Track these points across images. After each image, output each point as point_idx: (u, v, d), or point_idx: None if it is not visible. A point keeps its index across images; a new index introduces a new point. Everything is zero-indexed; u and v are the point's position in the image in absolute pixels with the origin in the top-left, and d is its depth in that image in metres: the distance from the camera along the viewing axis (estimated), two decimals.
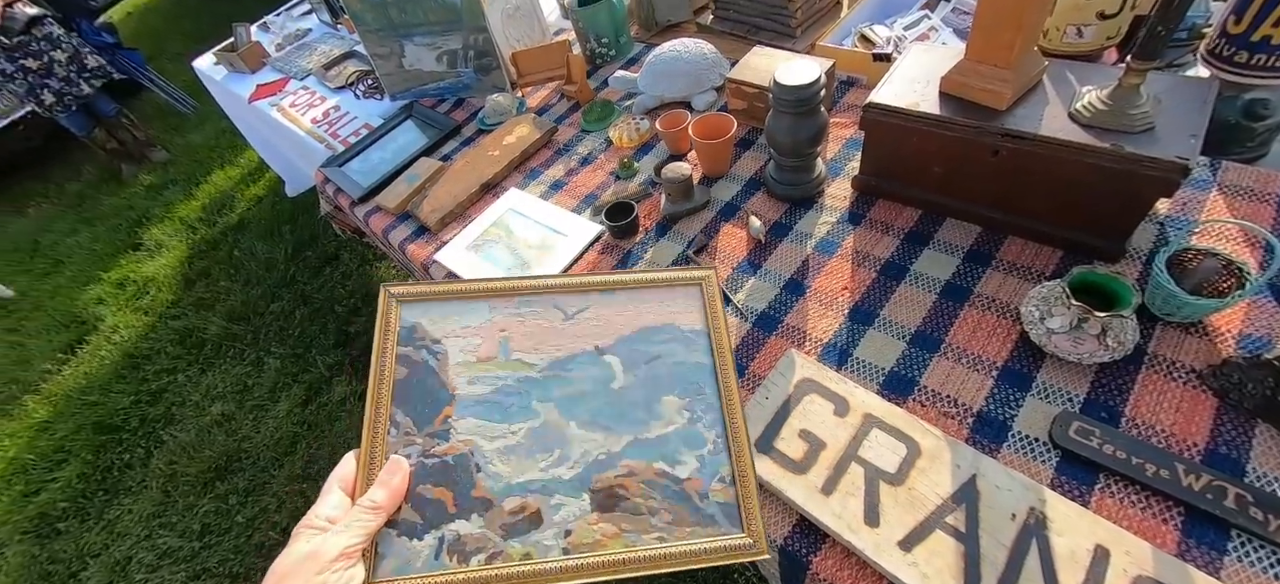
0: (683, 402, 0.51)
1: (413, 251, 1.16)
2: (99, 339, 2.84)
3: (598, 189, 1.13)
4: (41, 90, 3.10)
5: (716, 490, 0.47)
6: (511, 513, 0.45)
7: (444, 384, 0.49)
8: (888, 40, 1.04)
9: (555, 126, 1.27)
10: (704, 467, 0.48)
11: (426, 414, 0.48)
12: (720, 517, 0.46)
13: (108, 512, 2.12)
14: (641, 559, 0.44)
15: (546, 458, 0.48)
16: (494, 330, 0.52)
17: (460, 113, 1.45)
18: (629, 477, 0.47)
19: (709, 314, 0.55)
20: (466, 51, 1.36)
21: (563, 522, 0.45)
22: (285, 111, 1.70)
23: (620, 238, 1.01)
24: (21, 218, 3.99)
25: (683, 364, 0.52)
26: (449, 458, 0.46)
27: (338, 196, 1.38)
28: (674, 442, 0.49)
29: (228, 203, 3.34)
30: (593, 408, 0.50)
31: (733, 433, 0.50)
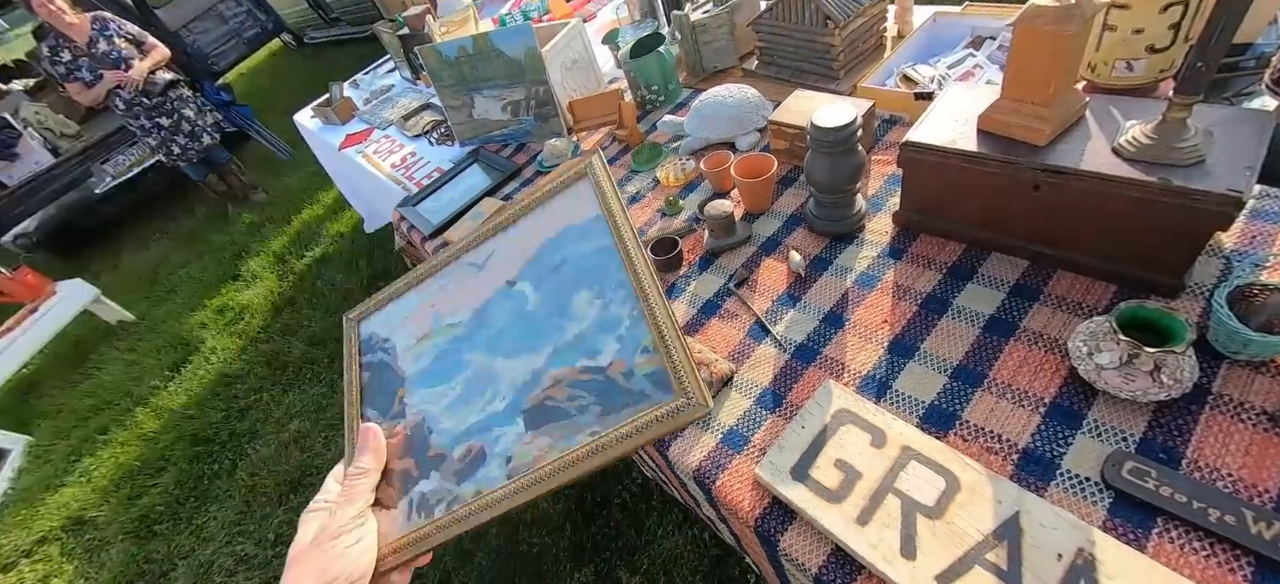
0: (592, 292, 0.48)
1: None
2: (199, 359, 3.16)
3: (645, 225, 1.20)
4: (171, 144, 3.57)
5: (640, 364, 0.45)
6: (460, 460, 0.47)
7: (396, 372, 0.54)
8: (931, 79, 1.06)
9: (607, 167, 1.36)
10: (624, 346, 0.46)
11: (387, 402, 0.53)
12: (650, 388, 0.43)
13: (197, 517, 2.33)
14: (575, 461, 0.43)
15: (481, 398, 0.49)
16: (426, 309, 0.55)
17: (521, 156, 1.58)
18: (555, 385, 0.47)
19: (600, 199, 0.51)
20: (528, 101, 1.48)
21: (503, 451, 0.46)
22: (370, 157, 1.89)
23: (665, 271, 1.06)
24: (145, 251, 4.54)
25: (584, 258, 0.50)
26: (408, 431, 0.50)
27: (411, 232, 1.52)
28: (591, 335, 0.47)
29: (314, 238, 3.67)
30: (513, 338, 0.50)
31: (644, 300, 0.46)
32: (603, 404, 0.44)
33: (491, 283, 0.53)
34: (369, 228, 3.23)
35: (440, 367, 0.52)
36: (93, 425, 3.05)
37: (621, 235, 0.48)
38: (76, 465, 2.84)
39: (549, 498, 1.80)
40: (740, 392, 0.86)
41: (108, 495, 2.61)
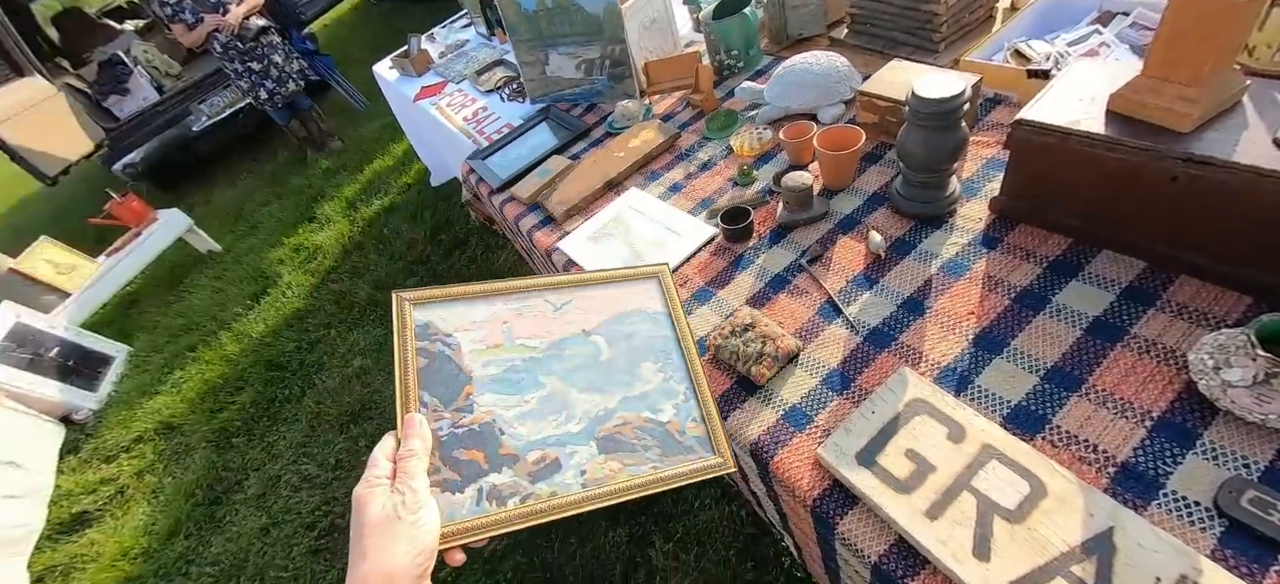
0: (656, 365, 0.65)
1: (539, 238, 1.27)
2: (276, 292, 3.38)
3: (715, 194, 1.17)
4: (260, 87, 3.78)
5: (691, 428, 0.62)
6: (535, 463, 0.55)
7: (462, 369, 0.58)
8: (1047, 57, 0.96)
9: (678, 133, 1.33)
10: (679, 412, 0.63)
11: (450, 394, 0.56)
12: (697, 446, 0.61)
13: (268, 435, 2.52)
14: (643, 483, 0.56)
15: (557, 418, 0.58)
16: (497, 323, 0.62)
17: (591, 117, 1.57)
18: (624, 425, 0.59)
19: (668, 299, 0.71)
20: (603, 61, 1.46)
21: (578, 465, 0.56)
22: (442, 110, 1.94)
23: (733, 241, 1.03)
24: (233, 188, 4.87)
25: (652, 337, 0.67)
26: (476, 426, 0.55)
27: (479, 185, 1.54)
28: (654, 396, 0.62)
29: (383, 187, 3.82)
30: (588, 377, 0.61)
31: (697, 385, 0.65)
32: (662, 448, 0.59)
33: (568, 326, 0.64)
34: (434, 181, 3.32)
35: (514, 379, 0.59)
36: (183, 343, 3.34)
37: (683, 335, 0.68)
38: (169, 377, 3.13)
39: None
40: (805, 370, 0.83)
41: (194, 406, 2.86)
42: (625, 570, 1.65)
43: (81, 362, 3.17)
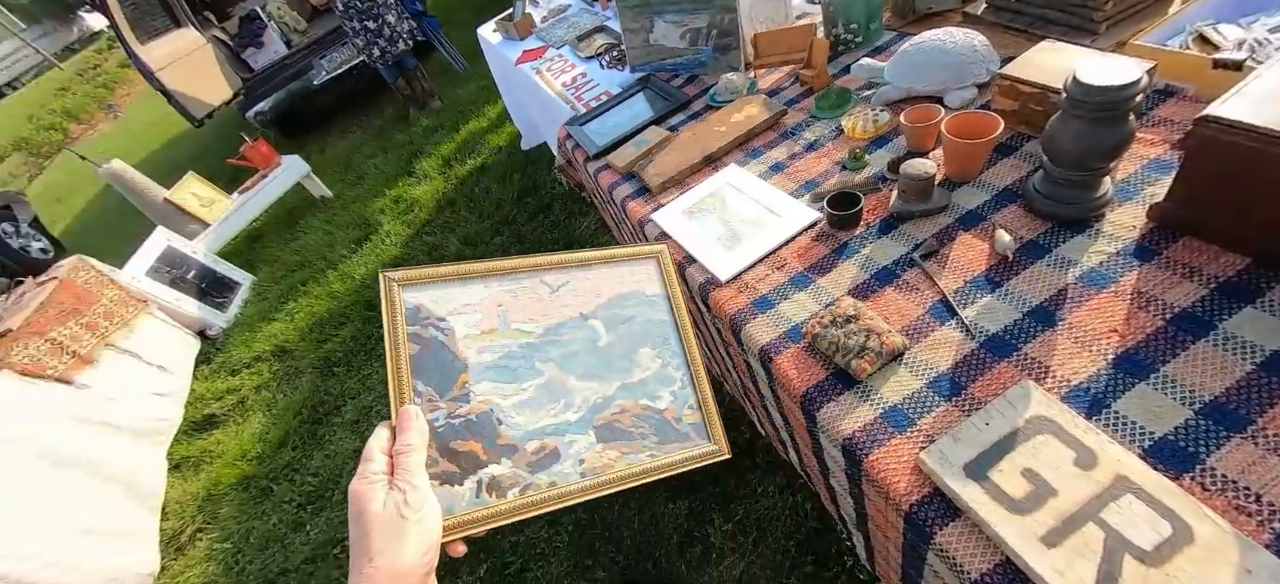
0: (654, 351, 0.63)
1: (632, 208, 1.28)
2: (377, 239, 3.65)
3: (820, 176, 1.12)
4: (374, 45, 4.03)
5: (687, 415, 0.61)
6: (534, 453, 0.54)
7: (456, 355, 0.56)
8: (1240, 44, 0.83)
9: (784, 109, 1.28)
10: (676, 399, 0.62)
11: (445, 383, 0.54)
12: (693, 434, 0.61)
13: (364, 369, 2.76)
14: (642, 471, 0.56)
15: (555, 406, 0.57)
16: (492, 305, 0.59)
17: (692, 88, 1.54)
18: (622, 413, 0.59)
19: (666, 281, 0.68)
20: (710, 30, 1.43)
21: (577, 454, 0.55)
22: (542, 75, 1.98)
23: (839, 228, 0.99)
24: (344, 141, 5.27)
25: (650, 322, 0.65)
26: (473, 416, 0.53)
27: (574, 151, 1.57)
28: (652, 383, 0.61)
29: (477, 148, 3.99)
30: (586, 363, 0.60)
31: (694, 373, 0.64)
32: (659, 436, 0.59)
33: (565, 309, 0.62)
34: (525, 145, 3.42)
35: (511, 366, 0.57)
36: (296, 277, 3.69)
37: (682, 320, 0.66)
38: (284, 306, 3.49)
39: None
40: (911, 370, 0.79)
41: (303, 335, 3.17)
42: (682, 543, 1.67)
43: (214, 285, 3.60)
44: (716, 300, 1.00)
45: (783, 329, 0.91)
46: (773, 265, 1.01)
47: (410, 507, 0.43)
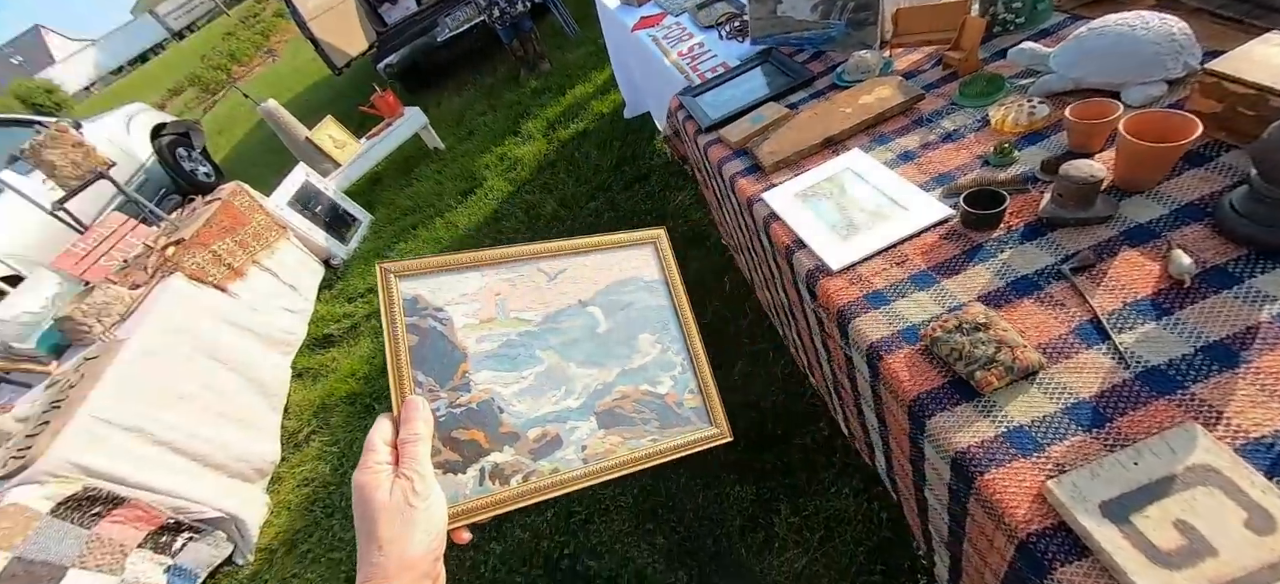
0: (654, 337, 0.63)
1: (742, 185, 1.25)
2: (481, 193, 3.86)
3: (957, 170, 1.03)
4: (494, 5, 4.20)
5: (688, 399, 0.62)
6: (536, 441, 0.54)
7: (455, 345, 0.55)
8: None
9: (922, 94, 1.18)
10: (677, 383, 0.62)
11: (445, 373, 0.54)
12: (694, 418, 0.61)
13: None
14: (644, 455, 0.57)
15: (556, 393, 0.57)
16: (489, 294, 0.59)
17: (818, 64, 1.46)
18: (623, 398, 0.59)
19: (664, 267, 0.68)
20: (845, 3, 1.34)
21: (578, 440, 0.55)
22: (658, 42, 1.96)
23: (975, 228, 0.91)
24: (458, 97, 5.58)
25: (649, 307, 0.65)
26: (474, 405, 0.53)
27: (686, 123, 1.55)
28: (652, 368, 0.62)
29: (580, 113, 4.08)
30: (586, 350, 0.60)
31: (694, 356, 0.64)
32: (660, 420, 0.59)
33: (563, 296, 0.62)
34: (628, 113, 3.44)
35: (511, 355, 0.57)
36: (408, 221, 4.00)
37: (681, 304, 0.66)
38: (396, 246, 3.80)
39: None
40: (1044, 392, 0.72)
41: None
42: (744, 526, 1.66)
43: (338, 220, 3.98)
44: (825, 289, 0.96)
45: (897, 328, 0.86)
46: (892, 260, 0.95)
47: (418, 495, 0.43)
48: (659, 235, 0.69)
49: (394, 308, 0.54)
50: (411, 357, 0.52)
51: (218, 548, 2.27)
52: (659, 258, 0.69)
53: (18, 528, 1.74)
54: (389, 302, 0.54)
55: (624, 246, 0.67)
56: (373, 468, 0.43)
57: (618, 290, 0.65)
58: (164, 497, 2.10)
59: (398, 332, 0.53)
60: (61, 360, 2.53)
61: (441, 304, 0.56)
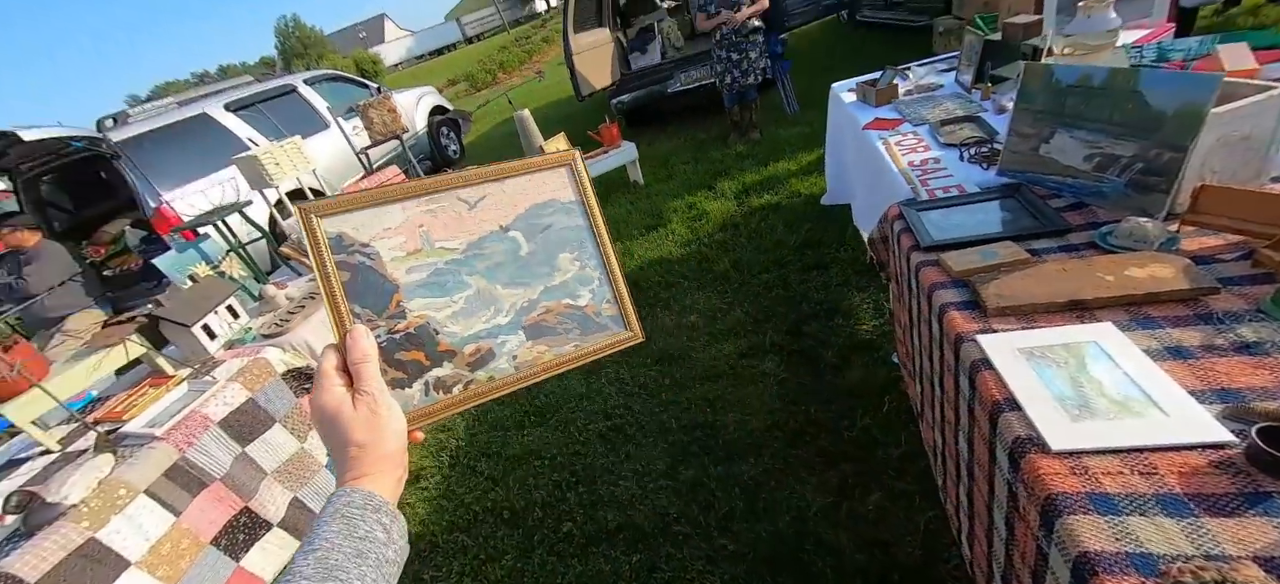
0: (572, 255, 0.68)
1: (953, 319, 1.15)
2: (663, 232, 4.09)
3: (1252, 392, 0.83)
4: (729, 73, 4.50)
5: (606, 309, 0.68)
6: (471, 355, 0.60)
7: (386, 277, 0.58)
8: None
9: (1217, 288, 0.98)
10: (595, 296, 0.68)
11: (380, 303, 0.58)
12: (612, 324, 0.68)
13: None
14: (567, 358, 0.64)
15: (486, 313, 0.62)
16: (413, 227, 0.61)
17: (1075, 215, 1.30)
18: (547, 312, 0.65)
19: (579, 187, 0.71)
20: (1131, 162, 1.18)
21: (510, 352, 0.62)
22: (889, 146, 1.92)
23: (1267, 471, 0.72)
24: (669, 143, 6.03)
25: (567, 228, 0.69)
26: (412, 330, 0.58)
27: (901, 234, 1.49)
28: (572, 284, 0.67)
29: (777, 187, 4.13)
30: (510, 272, 0.64)
31: (609, 270, 0.69)
32: (582, 329, 0.66)
33: (484, 224, 0.65)
34: (826, 200, 3.39)
35: (440, 282, 0.61)
36: None
37: (597, 223, 0.70)
38: None
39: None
40: None
41: None
42: None
43: None
44: (1033, 466, 0.84)
45: (1125, 547, 0.71)
46: (1134, 466, 0.79)
47: (380, 404, 0.49)
48: (573, 155, 0.72)
49: (320, 247, 0.56)
50: (345, 291, 0.56)
51: None
52: (574, 179, 0.71)
53: (260, 378, 2.24)
54: (314, 240, 0.56)
55: (540, 169, 0.70)
56: (330, 389, 0.49)
57: (536, 213, 0.68)
58: None
59: (328, 269, 0.56)
60: None
61: (367, 240, 0.59)
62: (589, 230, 0.70)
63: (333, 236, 0.57)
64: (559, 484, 2.29)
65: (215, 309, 2.47)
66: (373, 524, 0.45)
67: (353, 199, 0.59)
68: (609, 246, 0.71)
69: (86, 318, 4.20)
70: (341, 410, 0.48)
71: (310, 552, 0.41)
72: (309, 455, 2.35)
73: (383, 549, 0.44)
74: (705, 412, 2.38)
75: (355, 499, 0.45)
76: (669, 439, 2.31)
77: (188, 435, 1.92)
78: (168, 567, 1.75)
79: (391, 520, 0.46)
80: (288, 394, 2.33)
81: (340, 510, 0.45)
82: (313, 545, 0.42)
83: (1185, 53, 1.67)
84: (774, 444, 2.12)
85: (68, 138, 4.13)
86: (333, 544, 0.42)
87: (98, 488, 1.70)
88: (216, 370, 2.24)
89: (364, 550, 0.43)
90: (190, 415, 1.97)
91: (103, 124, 4.73)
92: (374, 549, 0.44)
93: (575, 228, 0.70)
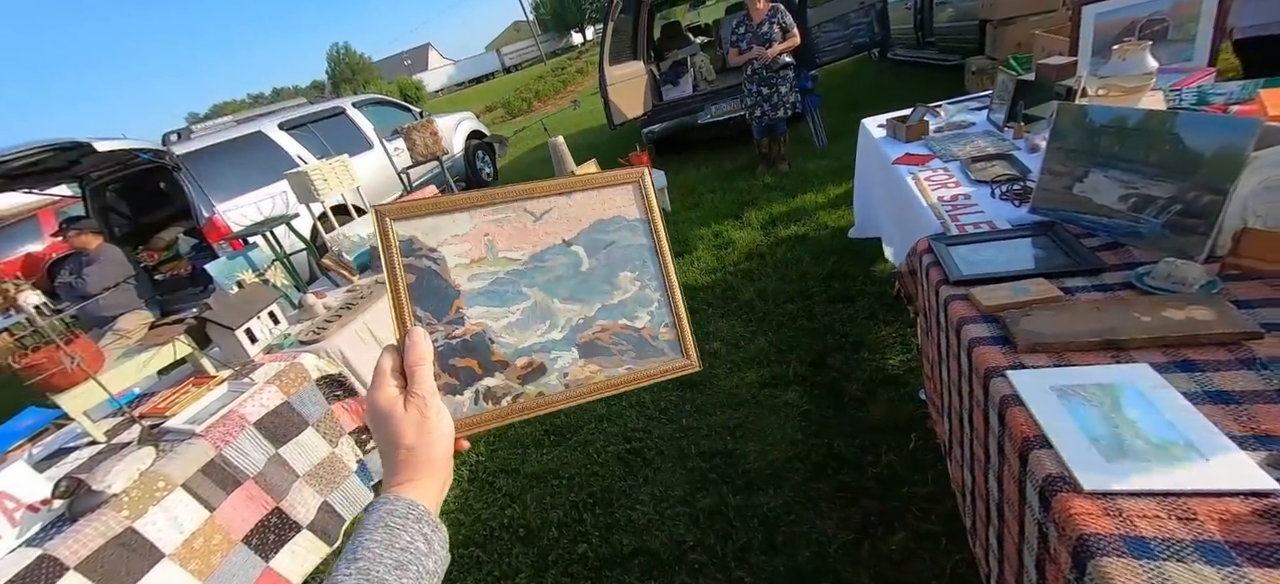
0: (633, 275, 0.67)
1: (983, 354, 1.14)
2: (688, 259, 4.12)
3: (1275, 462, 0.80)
4: (759, 107, 4.56)
5: (663, 332, 0.67)
6: (523, 368, 0.60)
7: (449, 283, 0.60)
8: None
9: (1262, 333, 0.96)
10: (653, 318, 0.66)
11: (441, 308, 0.59)
12: (668, 350, 0.66)
13: None
14: (618, 381, 0.63)
15: (541, 327, 0.62)
16: (479, 235, 0.62)
17: (1110, 255, 1.28)
18: (603, 331, 0.64)
19: (645, 206, 0.70)
20: (1169, 203, 1.16)
21: (562, 369, 0.62)
22: (919, 181, 1.92)
23: None
24: (697, 171, 6.10)
25: (630, 246, 0.68)
26: (468, 337, 0.59)
27: (930, 269, 1.48)
28: (630, 304, 0.66)
29: (804, 219, 4.13)
30: (569, 286, 0.64)
31: (670, 293, 0.68)
32: (637, 351, 0.65)
33: (548, 236, 0.65)
34: (854, 233, 3.38)
35: (499, 292, 0.62)
36: None
37: (660, 244, 0.69)
38: None
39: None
40: None
41: None
42: None
43: None
44: (1065, 506, 0.82)
45: None
46: (1172, 511, 0.77)
47: (429, 409, 0.50)
48: (642, 173, 0.71)
49: (392, 249, 0.58)
50: (410, 294, 0.58)
51: None
52: (641, 198, 0.70)
53: (296, 382, 2.32)
54: (387, 243, 0.58)
55: (608, 186, 0.69)
56: (385, 387, 0.51)
57: (601, 229, 0.67)
58: None
59: (397, 270, 0.58)
60: (363, 276, 3.36)
61: (434, 245, 0.61)
62: (652, 250, 0.69)
63: (404, 240, 0.59)
64: (576, 505, 2.29)
65: (258, 314, 2.58)
66: (414, 535, 0.45)
67: (426, 205, 0.61)
68: (672, 269, 0.69)
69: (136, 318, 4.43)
70: (394, 411, 0.49)
71: (352, 562, 0.42)
72: (339, 460, 2.41)
73: (423, 560, 0.45)
74: (726, 440, 2.36)
75: (398, 508, 0.46)
76: (688, 466, 2.29)
77: (225, 433, 2.00)
78: (200, 561, 1.81)
79: (433, 530, 0.47)
80: (321, 399, 2.40)
81: (384, 519, 0.45)
82: (355, 555, 0.43)
83: (1227, 96, 1.64)
84: (795, 476, 2.08)
85: (136, 150, 4.42)
86: (375, 555, 0.43)
87: (139, 479, 1.78)
88: (255, 373, 2.34)
89: (405, 562, 0.43)
90: (229, 414, 2.06)
91: (168, 138, 5.06)
92: (415, 561, 0.44)
93: (638, 247, 0.68)
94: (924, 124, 2.30)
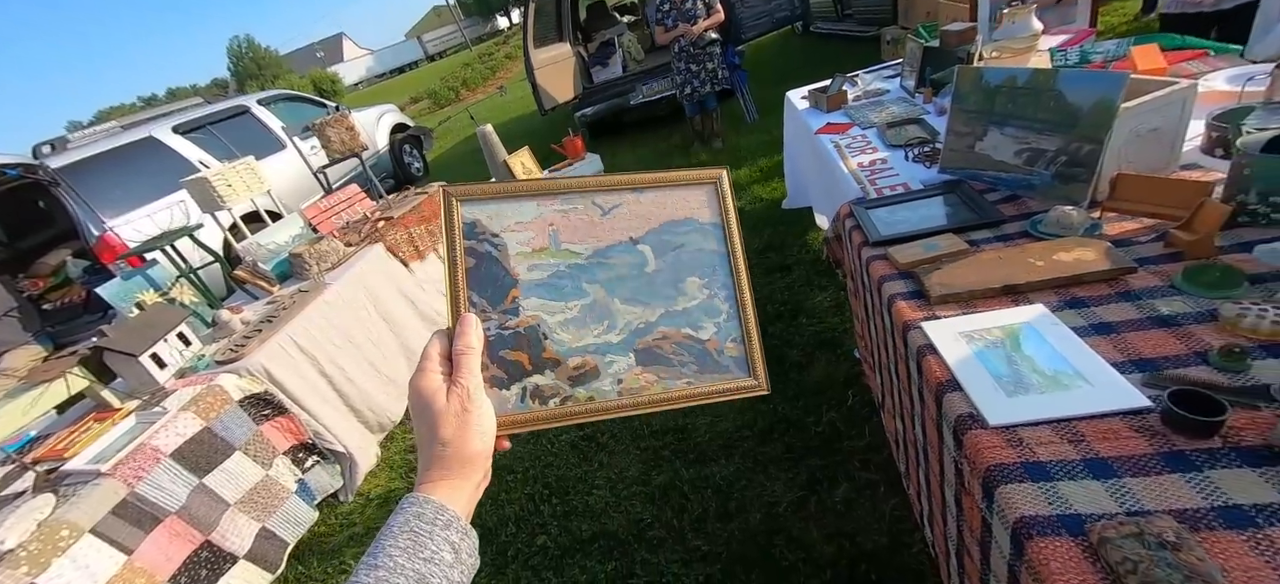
0: (702, 281, 0.62)
1: (901, 308, 1.21)
2: None
3: (1166, 359, 0.90)
4: (688, 84, 4.59)
5: (729, 348, 0.61)
6: (575, 369, 0.56)
7: (508, 271, 0.57)
8: None
9: (1135, 267, 1.06)
10: (720, 331, 0.61)
11: (497, 296, 0.56)
12: (733, 367, 0.60)
13: None
14: (675, 396, 0.58)
15: (598, 327, 0.58)
16: (543, 224, 0.59)
17: (1009, 207, 1.38)
18: (663, 339, 0.59)
19: (722, 209, 0.64)
20: (1057, 155, 1.27)
21: (616, 374, 0.57)
22: (841, 149, 2.00)
23: (1179, 431, 0.78)
24: (633, 153, 6.09)
25: (701, 251, 0.62)
26: (521, 329, 0.56)
27: (852, 232, 1.55)
28: (696, 312, 0.61)
29: (740, 192, 4.21)
30: (632, 287, 0.60)
31: (741, 305, 0.62)
32: (699, 365, 0.59)
33: (614, 232, 0.61)
34: (787, 204, 3.49)
35: (558, 285, 0.58)
36: None
37: (734, 251, 0.63)
38: None
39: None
40: None
41: None
42: None
43: None
44: (974, 442, 0.89)
45: (1054, 510, 0.76)
46: (1063, 434, 0.84)
47: (472, 401, 0.47)
48: (721, 175, 0.66)
49: (454, 231, 0.56)
50: (468, 278, 0.55)
51: (333, 479, 2.59)
52: (717, 200, 0.65)
53: (216, 406, 2.16)
54: (450, 224, 0.56)
55: (682, 185, 0.64)
56: (430, 374, 0.48)
57: (671, 230, 0.63)
58: (311, 419, 2.46)
59: (457, 253, 0.55)
60: (283, 286, 3.15)
61: (497, 231, 0.58)
62: (725, 258, 0.63)
63: (468, 223, 0.57)
64: (532, 498, 2.27)
65: (165, 337, 2.37)
66: (441, 543, 0.43)
67: (494, 189, 0.59)
68: (746, 280, 0.64)
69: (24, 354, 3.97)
70: (435, 401, 0.47)
71: (372, 568, 0.40)
72: (275, 482, 2.27)
73: (449, 571, 0.42)
74: (676, 416, 2.40)
75: (427, 511, 0.43)
76: (641, 446, 2.32)
77: (137, 469, 1.84)
78: None
79: (461, 538, 0.44)
80: (246, 421, 2.25)
81: (410, 522, 0.42)
82: (375, 561, 0.40)
83: (1105, 54, 1.80)
84: (744, 444, 2.15)
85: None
86: (396, 564, 0.40)
87: (37, 530, 1.61)
88: (167, 401, 2.15)
89: (427, 576, 0.41)
90: (139, 449, 1.89)
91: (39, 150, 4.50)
92: (439, 572, 0.41)
93: (710, 252, 0.63)
94: (843, 94, 2.38)
